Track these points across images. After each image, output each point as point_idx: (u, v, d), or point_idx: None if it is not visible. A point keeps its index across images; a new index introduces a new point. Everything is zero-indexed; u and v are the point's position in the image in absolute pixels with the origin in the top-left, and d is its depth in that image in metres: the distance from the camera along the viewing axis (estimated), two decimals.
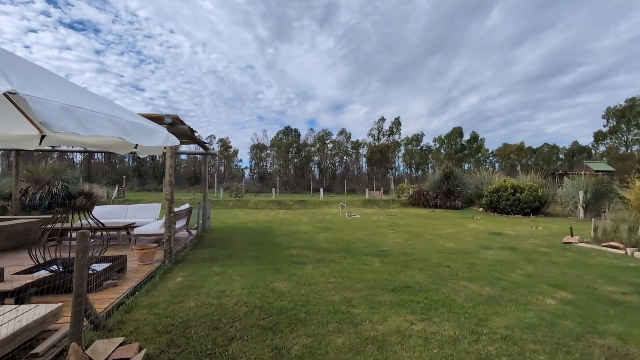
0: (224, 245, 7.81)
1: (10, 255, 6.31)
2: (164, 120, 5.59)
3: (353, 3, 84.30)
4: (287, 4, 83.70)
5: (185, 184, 50.56)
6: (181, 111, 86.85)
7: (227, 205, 20.52)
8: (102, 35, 75.01)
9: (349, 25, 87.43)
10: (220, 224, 12.27)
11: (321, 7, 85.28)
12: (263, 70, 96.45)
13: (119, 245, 7.42)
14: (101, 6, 72.41)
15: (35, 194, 14.66)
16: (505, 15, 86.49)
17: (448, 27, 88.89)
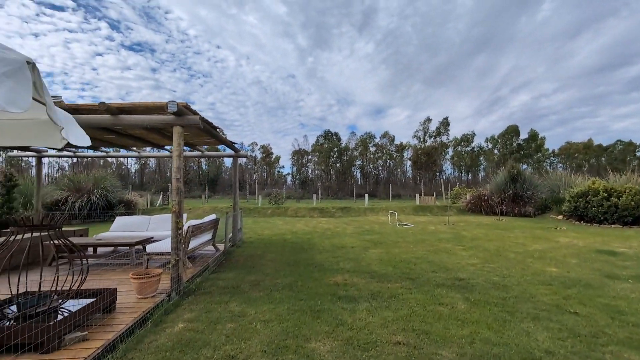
0: (253, 266, 6.33)
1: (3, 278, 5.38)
2: (166, 107, 4.25)
3: (392, 7, 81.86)
4: (327, 12, 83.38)
5: (228, 190, 51.19)
6: (227, 121, 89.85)
7: (266, 212, 19.40)
8: (157, 54, 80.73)
9: (388, 29, 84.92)
10: (254, 235, 10.94)
11: (360, 13, 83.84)
12: (304, 78, 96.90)
13: (131, 266, 6.25)
14: (156, 28, 77.99)
15: (75, 202, 14.58)
16: (558, 6, 78.35)
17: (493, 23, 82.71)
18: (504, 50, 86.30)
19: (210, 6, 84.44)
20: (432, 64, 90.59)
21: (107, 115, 4.48)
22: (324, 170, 67.88)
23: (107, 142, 7.29)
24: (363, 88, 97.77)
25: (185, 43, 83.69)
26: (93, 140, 6.89)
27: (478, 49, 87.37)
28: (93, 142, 7.23)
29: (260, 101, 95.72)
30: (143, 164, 65.64)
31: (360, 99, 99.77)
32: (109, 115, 4.48)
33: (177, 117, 4.50)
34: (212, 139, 7.11)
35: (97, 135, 6.54)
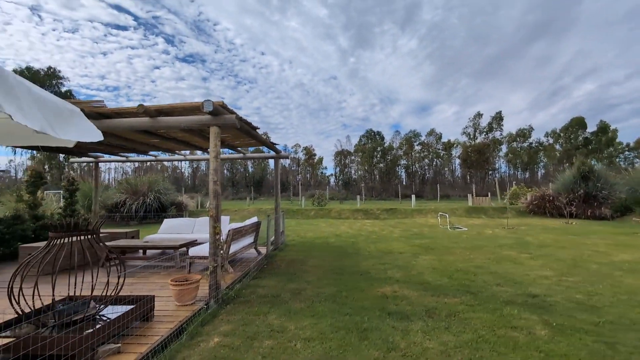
0: (295, 273, 6.01)
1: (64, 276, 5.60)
2: (202, 107, 4.06)
3: None
4: (368, 11, 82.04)
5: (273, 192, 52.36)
6: (272, 124, 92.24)
7: (309, 214, 19.23)
8: (207, 64, 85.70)
9: (433, 23, 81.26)
10: (297, 238, 10.70)
11: (402, 9, 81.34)
12: (346, 79, 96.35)
13: (176, 269, 6.25)
14: (206, 40, 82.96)
15: (132, 204, 15.54)
16: None
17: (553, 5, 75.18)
18: (566, 35, 78.29)
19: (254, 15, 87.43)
20: (482, 55, 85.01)
21: (146, 118, 4.42)
22: (367, 171, 66.68)
23: (153, 145, 7.45)
24: (407, 85, 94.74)
25: (232, 52, 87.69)
26: (140, 144, 7.07)
27: (535, 35, 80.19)
28: (140, 146, 7.44)
29: (303, 104, 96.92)
30: (195, 167, 69.66)
31: (404, 96, 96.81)
32: (148, 117, 4.41)
33: (213, 116, 4.30)
34: (253, 140, 6.94)
35: (143, 140, 6.66)
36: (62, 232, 3.21)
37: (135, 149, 8.06)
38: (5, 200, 9.50)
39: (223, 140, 7.04)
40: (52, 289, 3.10)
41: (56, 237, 3.15)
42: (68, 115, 2.53)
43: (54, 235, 3.14)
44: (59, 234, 3.17)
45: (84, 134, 2.63)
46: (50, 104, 2.34)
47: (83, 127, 2.67)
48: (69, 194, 9.41)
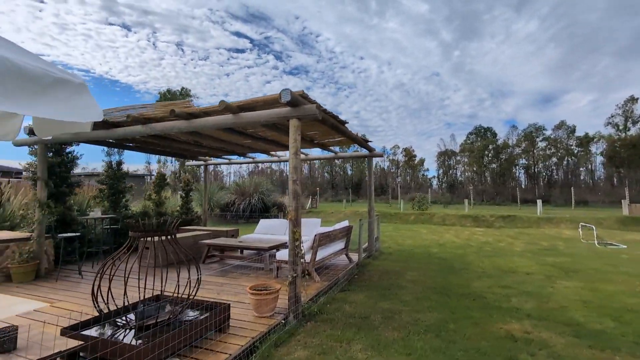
0: (389, 287, 5.15)
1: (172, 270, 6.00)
2: (280, 98, 3.64)
3: None
4: None
5: None
6: (371, 127, 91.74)
7: (408, 219, 17.78)
8: (310, 74, 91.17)
9: None
10: (394, 245, 9.70)
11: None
12: (449, 74, 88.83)
13: (265, 271, 6.11)
14: (309, 51, 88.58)
15: (240, 204, 16.91)
16: None
17: None
18: None
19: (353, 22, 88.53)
20: (630, 27, 66.87)
21: (229, 115, 4.25)
22: (477, 172, 59.71)
23: (248, 147, 7.60)
24: (524, 75, 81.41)
25: (332, 60, 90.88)
26: (236, 146, 7.26)
27: None
28: (237, 148, 7.68)
29: (403, 104, 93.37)
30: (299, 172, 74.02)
31: (520, 88, 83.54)
32: (231, 114, 4.23)
33: (292, 108, 3.85)
34: (343, 137, 6.37)
35: (237, 140, 6.79)
36: (140, 232, 3.15)
37: (234, 151, 8.42)
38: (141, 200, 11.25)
39: (312, 138, 6.67)
40: (124, 292, 3.04)
41: (135, 238, 3.09)
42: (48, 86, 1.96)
43: (134, 235, 3.09)
44: (138, 234, 3.10)
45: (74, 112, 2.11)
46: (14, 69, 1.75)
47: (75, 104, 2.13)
48: (185, 194, 10.54)
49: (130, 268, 3.05)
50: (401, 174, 70.49)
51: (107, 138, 5.28)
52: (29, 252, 5.66)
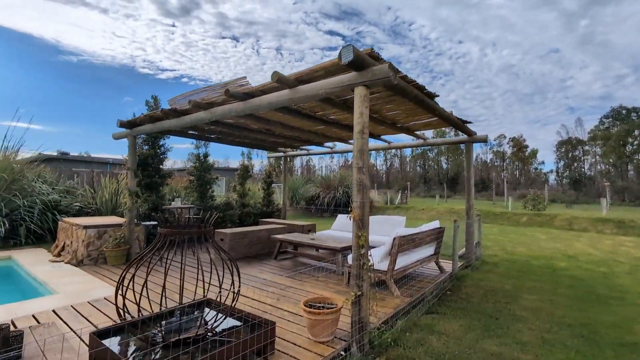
0: (497, 316, 3.79)
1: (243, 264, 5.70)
2: (341, 58, 2.73)
3: None
4: None
5: None
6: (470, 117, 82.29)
7: (519, 220, 14.81)
8: (402, 65, 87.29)
9: None
10: (501, 253, 7.84)
11: None
12: (573, 49, 73.40)
13: (337, 275, 5.32)
14: (402, 42, 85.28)
15: (325, 198, 16.57)
16: None
17: None
18: None
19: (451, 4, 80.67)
20: None
21: (285, 90, 3.54)
22: (614, 164, 48.08)
23: (323, 134, 6.89)
24: None
25: (427, 48, 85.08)
26: (308, 133, 6.62)
27: None
28: (313, 137, 7.05)
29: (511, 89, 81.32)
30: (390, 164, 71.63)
31: None
32: (287, 89, 3.51)
33: (357, 72, 2.89)
34: (432, 116, 5.10)
35: (308, 127, 6.14)
36: (170, 229, 2.66)
37: (310, 140, 7.84)
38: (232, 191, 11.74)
39: (394, 120, 5.56)
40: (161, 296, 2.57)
41: (165, 235, 2.61)
42: None
43: (163, 232, 2.61)
44: (168, 231, 2.61)
45: None
46: None
47: None
48: (267, 186, 10.52)
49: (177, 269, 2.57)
50: (507, 168, 61.76)
51: (178, 127, 5.18)
52: (121, 237, 6.04)
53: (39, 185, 8.36)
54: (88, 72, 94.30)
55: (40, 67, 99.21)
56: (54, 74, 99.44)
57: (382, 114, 5.08)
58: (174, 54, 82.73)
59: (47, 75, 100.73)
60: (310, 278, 5.03)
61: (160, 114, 5.19)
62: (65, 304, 3.83)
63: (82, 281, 4.85)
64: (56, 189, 8.92)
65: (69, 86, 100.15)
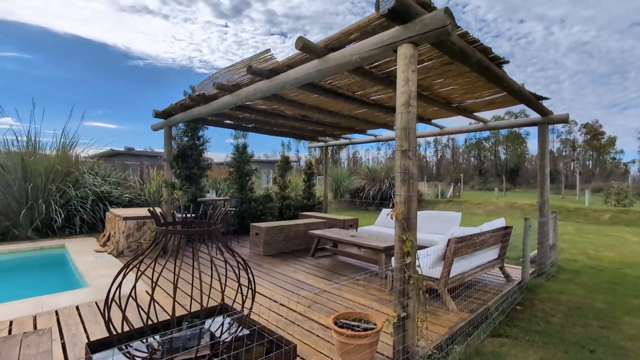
0: (593, 348, 2.87)
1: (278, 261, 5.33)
2: (379, 6, 2.06)
3: None
4: None
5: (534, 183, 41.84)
6: None
7: (600, 218, 12.71)
8: None
9: None
10: (581, 257, 6.54)
11: None
12: None
13: (380, 280, 4.67)
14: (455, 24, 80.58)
15: (370, 190, 15.78)
16: None
17: None
18: None
19: None
20: None
21: (314, 61, 2.95)
22: None
23: (364, 120, 6.19)
24: None
25: (482, 30, 78.86)
26: (347, 119, 5.96)
27: None
28: (351, 123, 6.38)
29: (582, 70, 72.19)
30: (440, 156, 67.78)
31: None
32: (316, 59, 2.91)
33: (400, 25, 2.20)
34: (498, 91, 4.17)
35: (348, 111, 5.49)
36: (164, 226, 2.24)
37: (352, 127, 7.18)
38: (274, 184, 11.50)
39: (448, 99, 4.69)
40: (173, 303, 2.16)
41: (162, 234, 2.19)
42: None
43: (158, 230, 2.19)
44: (164, 229, 2.19)
45: None
46: None
47: None
48: (307, 178, 10.07)
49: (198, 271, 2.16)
50: (579, 158, 55.15)
51: (207, 114, 4.86)
52: None
53: (92, 177, 8.77)
54: (152, 74, 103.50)
55: (113, 71, 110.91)
56: (124, 78, 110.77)
57: (433, 90, 4.26)
58: (227, 53, 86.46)
59: (119, 78, 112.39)
60: (350, 281, 4.44)
61: (189, 102, 4.91)
62: (91, 299, 3.69)
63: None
64: (108, 180, 9.33)
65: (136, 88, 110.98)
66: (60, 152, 8.37)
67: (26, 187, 7.37)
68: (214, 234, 2.22)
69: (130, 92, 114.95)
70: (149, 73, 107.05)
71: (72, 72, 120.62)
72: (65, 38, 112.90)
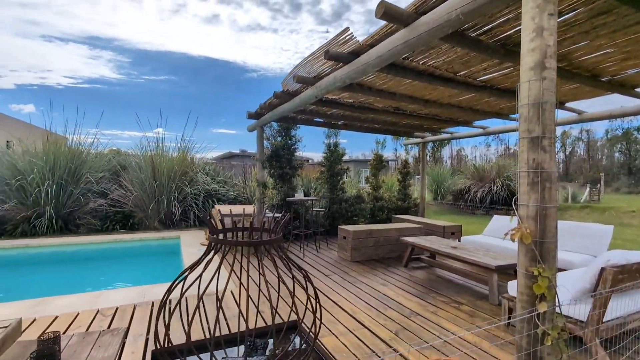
0: None
1: (366, 269, 4.84)
2: None
3: None
4: None
5: None
6: None
7: None
8: None
9: None
10: None
11: None
12: None
13: (490, 306, 3.73)
14: None
15: (477, 192, 13.79)
16: None
17: None
18: None
19: None
20: None
21: (400, 31, 2.36)
22: None
23: (470, 109, 5.18)
24: None
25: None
26: (451, 109, 5.05)
27: None
28: (453, 113, 5.42)
29: None
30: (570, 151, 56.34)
31: None
32: (403, 28, 2.32)
33: None
34: None
35: (449, 98, 4.62)
36: (219, 235, 1.98)
37: (453, 120, 6.17)
38: None
39: (593, 70, 3.43)
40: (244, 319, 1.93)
41: (216, 243, 1.94)
42: None
43: (213, 240, 1.95)
44: (218, 238, 1.94)
45: None
46: None
47: None
48: (402, 177, 9.26)
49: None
50: None
51: (291, 110, 4.69)
52: None
53: (203, 176, 9.81)
54: (264, 83, 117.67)
55: (233, 84, 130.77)
56: (242, 89, 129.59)
57: (572, 58, 3.13)
58: None
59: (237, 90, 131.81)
60: (450, 303, 3.65)
61: (275, 100, 4.83)
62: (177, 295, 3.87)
63: (211, 269, 5.03)
64: (216, 179, 10.32)
65: (251, 96, 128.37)
66: (180, 155, 9.60)
67: (154, 185, 8.62)
68: (273, 245, 1.88)
69: (245, 100, 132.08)
70: (261, 82, 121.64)
71: (203, 88, 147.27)
72: (199, 60, 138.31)
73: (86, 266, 6.23)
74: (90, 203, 8.11)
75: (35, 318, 3.07)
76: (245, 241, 1.86)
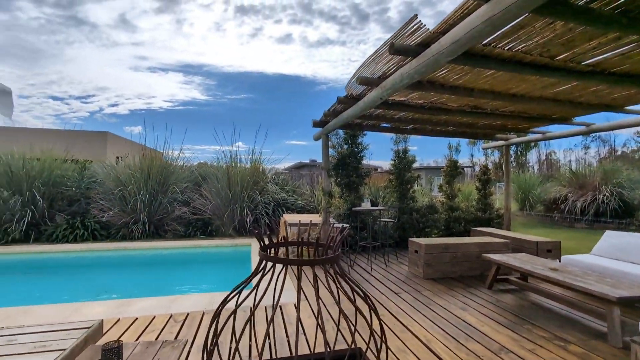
0: None
1: (442, 288, 4.29)
2: None
3: None
4: None
5: None
6: None
7: None
8: None
9: None
10: None
11: None
12: None
13: (608, 348, 2.93)
14: None
15: (576, 201, 11.67)
16: None
17: None
18: None
19: None
20: None
21: (480, 9, 1.97)
22: None
23: (569, 102, 4.32)
24: None
25: None
26: (543, 103, 4.26)
27: None
28: (545, 108, 4.59)
29: None
30: None
31: None
32: (483, 3, 1.93)
33: None
34: None
35: (541, 91, 3.91)
36: (270, 252, 1.81)
37: (545, 117, 5.26)
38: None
39: None
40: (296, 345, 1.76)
41: (261, 259, 1.78)
42: None
43: (263, 257, 1.79)
44: (264, 255, 1.77)
45: None
46: None
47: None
48: (482, 185, 8.28)
49: None
50: None
51: (355, 115, 4.46)
52: (316, 237, 6.05)
53: (272, 186, 10.12)
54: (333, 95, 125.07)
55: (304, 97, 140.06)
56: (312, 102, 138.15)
57: None
58: None
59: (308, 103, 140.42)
60: (552, 339, 2.96)
61: (339, 106, 4.67)
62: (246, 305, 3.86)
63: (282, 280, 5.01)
64: (285, 188, 10.57)
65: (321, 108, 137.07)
66: (252, 166, 10.08)
67: (229, 194, 9.15)
68: (330, 263, 1.65)
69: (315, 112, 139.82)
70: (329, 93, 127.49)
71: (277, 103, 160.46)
72: (273, 77, 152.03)
73: (168, 269, 6.80)
74: (176, 211, 8.92)
75: (119, 319, 3.31)
76: (293, 259, 1.67)
